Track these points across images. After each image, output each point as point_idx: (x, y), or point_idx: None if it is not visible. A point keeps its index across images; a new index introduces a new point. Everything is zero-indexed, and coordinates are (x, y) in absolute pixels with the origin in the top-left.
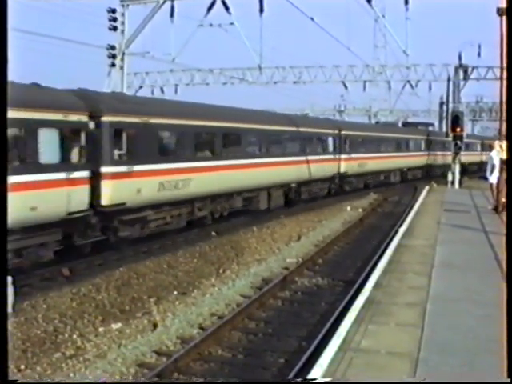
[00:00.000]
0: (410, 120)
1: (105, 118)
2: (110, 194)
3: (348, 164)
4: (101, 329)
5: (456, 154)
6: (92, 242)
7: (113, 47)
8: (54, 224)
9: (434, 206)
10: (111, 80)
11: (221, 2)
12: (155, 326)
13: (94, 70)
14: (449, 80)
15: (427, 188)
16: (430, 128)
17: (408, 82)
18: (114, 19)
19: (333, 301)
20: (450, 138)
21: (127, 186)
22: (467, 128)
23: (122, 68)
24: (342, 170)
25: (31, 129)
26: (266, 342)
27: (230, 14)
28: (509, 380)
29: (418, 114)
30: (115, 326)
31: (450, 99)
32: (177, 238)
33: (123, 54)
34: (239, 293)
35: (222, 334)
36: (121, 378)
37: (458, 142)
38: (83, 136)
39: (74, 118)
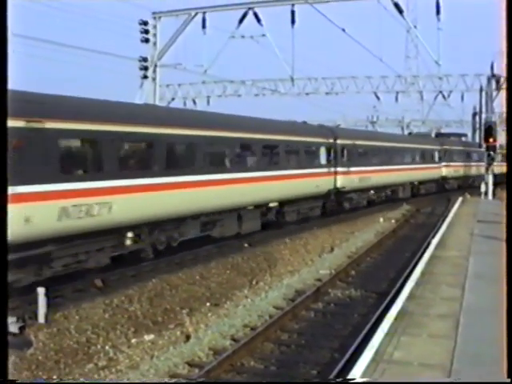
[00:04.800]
0: (442, 131)
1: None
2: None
3: None
4: (133, 340)
5: (489, 164)
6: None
7: (145, 59)
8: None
9: (467, 216)
10: (143, 92)
11: (252, 13)
12: (188, 337)
13: (126, 81)
14: (481, 90)
15: (460, 199)
16: (463, 138)
17: (440, 92)
18: (146, 31)
19: (365, 312)
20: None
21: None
22: (501, 138)
23: (154, 80)
24: None
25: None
26: (299, 354)
27: (261, 25)
28: (509, 380)
29: (450, 125)
30: (148, 337)
31: (483, 109)
32: (210, 249)
33: (155, 65)
34: (272, 304)
35: (254, 345)
36: None
37: (491, 153)
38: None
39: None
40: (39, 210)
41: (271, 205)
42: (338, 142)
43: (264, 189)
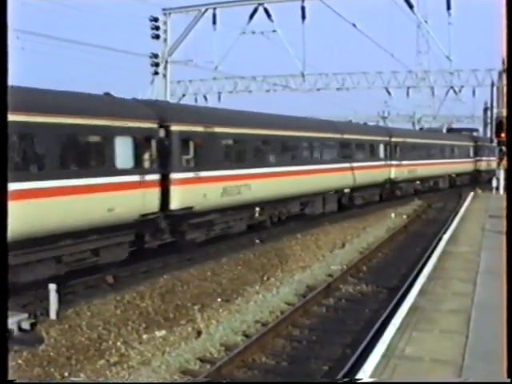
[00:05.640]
0: (453, 126)
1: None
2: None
3: None
4: (145, 336)
5: (500, 159)
6: None
7: (156, 55)
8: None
9: (479, 212)
10: (154, 88)
11: (263, 9)
12: (199, 333)
13: (136, 78)
14: (492, 85)
15: (472, 194)
16: (475, 134)
17: (451, 87)
18: (157, 28)
19: (377, 308)
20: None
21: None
22: None
23: (165, 76)
24: None
25: None
26: (310, 350)
27: (272, 21)
28: (509, 380)
29: (461, 120)
30: (159, 333)
31: (494, 104)
32: (220, 245)
33: (166, 62)
34: (283, 300)
35: (265, 341)
36: None
37: (503, 148)
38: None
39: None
40: (211, 189)
41: (345, 190)
42: (393, 139)
43: (342, 177)
